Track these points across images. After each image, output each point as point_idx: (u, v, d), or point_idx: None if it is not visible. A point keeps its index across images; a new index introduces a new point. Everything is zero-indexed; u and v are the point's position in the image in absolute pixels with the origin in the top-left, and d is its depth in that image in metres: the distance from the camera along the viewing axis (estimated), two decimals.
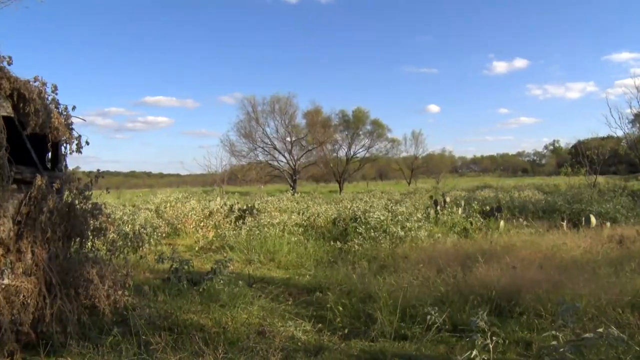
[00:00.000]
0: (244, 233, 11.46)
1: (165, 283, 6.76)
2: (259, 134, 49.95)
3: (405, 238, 10.23)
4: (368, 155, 53.97)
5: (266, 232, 11.16)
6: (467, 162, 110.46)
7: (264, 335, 5.02)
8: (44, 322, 4.64)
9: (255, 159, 49.80)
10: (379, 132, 52.99)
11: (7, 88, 4.57)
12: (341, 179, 50.97)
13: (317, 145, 50.08)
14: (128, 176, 74.41)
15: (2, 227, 4.44)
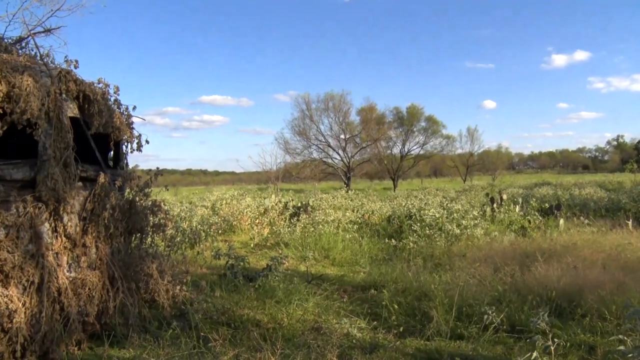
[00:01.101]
0: (299, 230, 11.53)
1: (222, 279, 6.88)
2: (313, 131, 50.22)
3: (461, 236, 10.06)
4: (422, 152, 53.42)
5: (321, 229, 11.19)
6: (524, 159, 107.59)
7: (319, 331, 5.05)
8: (107, 314, 4.81)
9: (310, 157, 50.11)
10: (434, 128, 52.31)
11: (74, 90, 4.76)
12: (395, 176, 50.58)
13: (371, 143, 49.88)
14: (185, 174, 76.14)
15: (70, 222, 4.63)
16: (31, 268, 4.27)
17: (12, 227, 4.23)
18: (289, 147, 49.24)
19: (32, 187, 4.44)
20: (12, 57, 4.60)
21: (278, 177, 38.49)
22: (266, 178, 41.06)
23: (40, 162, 4.43)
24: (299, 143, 50.14)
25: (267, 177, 40.76)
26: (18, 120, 4.26)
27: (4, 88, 4.23)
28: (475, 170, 64.37)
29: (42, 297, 4.31)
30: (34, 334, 4.28)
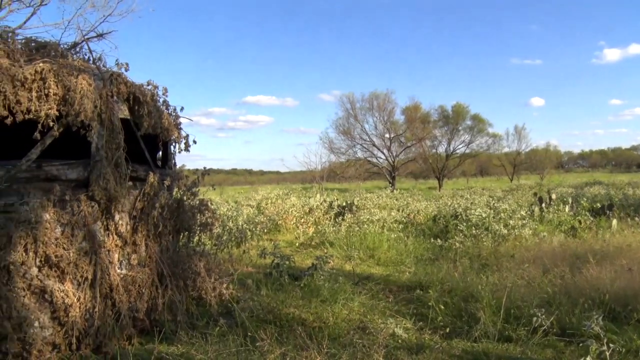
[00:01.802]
0: (344, 229, 11.52)
1: (268, 277, 6.94)
2: (358, 130, 50.12)
3: (508, 236, 9.85)
4: (468, 151, 52.54)
5: (366, 228, 11.16)
6: (574, 158, 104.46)
7: (364, 331, 5.04)
8: (156, 310, 4.93)
9: (354, 156, 50.04)
10: (480, 127, 51.40)
11: (125, 92, 4.90)
12: (440, 176, 49.99)
13: (416, 142, 49.46)
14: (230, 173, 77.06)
15: (121, 221, 4.77)
16: (85, 264, 4.41)
17: (67, 225, 4.38)
18: (334, 146, 49.32)
19: (86, 187, 4.59)
20: (67, 62, 4.76)
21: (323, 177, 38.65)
22: (311, 177, 41.28)
23: (93, 163, 4.58)
24: (344, 142, 50.17)
25: (312, 177, 40.97)
26: (73, 122, 4.41)
27: (60, 91, 4.39)
28: (523, 169, 62.90)
29: (95, 293, 4.45)
30: (88, 327, 4.43)
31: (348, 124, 50.04)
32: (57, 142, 4.57)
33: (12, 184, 4.29)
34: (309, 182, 40.35)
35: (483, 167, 70.71)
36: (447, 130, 51.77)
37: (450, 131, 51.52)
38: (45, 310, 4.25)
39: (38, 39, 5.41)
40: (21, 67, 4.37)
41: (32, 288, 4.17)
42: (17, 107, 4.20)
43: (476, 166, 67.01)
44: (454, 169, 54.02)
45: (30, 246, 4.11)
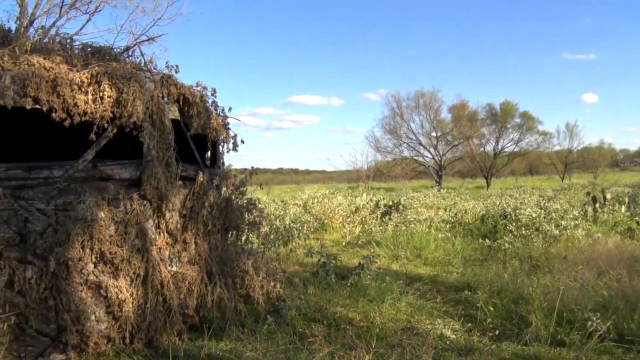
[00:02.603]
0: (390, 229, 11.48)
1: (315, 276, 6.98)
2: (404, 129, 49.80)
3: (560, 237, 9.60)
4: (517, 149, 51.34)
5: (412, 228, 11.08)
6: (630, 155, 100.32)
7: (412, 332, 5.01)
8: (205, 307, 5.04)
9: (400, 155, 49.73)
10: (529, 124, 50.18)
11: (175, 93, 5.02)
12: (488, 175, 49.05)
13: (463, 140, 48.75)
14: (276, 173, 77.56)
15: (171, 219, 4.89)
16: (137, 261, 4.54)
17: (121, 223, 4.53)
18: (380, 145, 49.16)
19: (138, 186, 4.73)
20: (120, 65, 4.91)
21: (369, 176, 38.56)
22: (357, 176, 41.27)
23: (145, 163, 4.71)
24: (390, 141, 49.93)
25: (358, 176, 40.94)
26: (125, 124, 4.56)
27: (114, 94, 4.54)
28: (575, 168, 61.04)
29: (147, 289, 4.58)
30: (140, 322, 4.56)
31: (394, 123, 49.83)
32: (111, 143, 4.71)
33: (70, 183, 4.46)
34: (355, 181, 40.35)
35: (532, 166, 68.94)
36: (495, 128, 50.80)
37: (498, 129, 50.53)
38: (100, 304, 4.41)
39: (93, 44, 5.62)
40: (78, 71, 4.54)
41: (88, 283, 4.33)
42: (74, 109, 4.36)
43: (525, 165, 65.37)
44: (502, 167, 52.91)
45: (86, 243, 4.26)
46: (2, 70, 4.27)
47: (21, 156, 5.17)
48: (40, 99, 4.27)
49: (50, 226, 4.25)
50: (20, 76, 4.25)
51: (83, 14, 11.12)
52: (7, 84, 4.16)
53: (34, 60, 4.41)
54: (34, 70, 4.32)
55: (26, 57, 4.46)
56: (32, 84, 4.24)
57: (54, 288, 4.21)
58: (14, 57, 4.48)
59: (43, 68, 4.40)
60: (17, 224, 4.22)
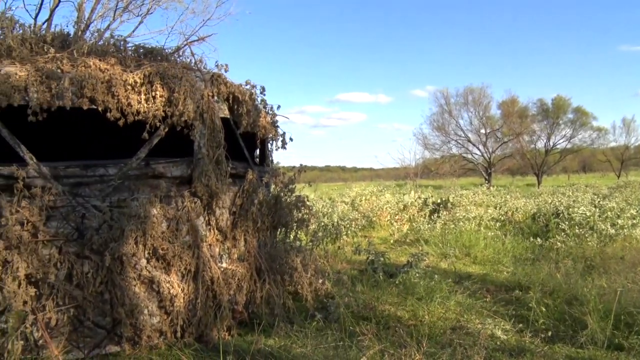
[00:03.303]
0: (439, 227, 11.35)
1: (363, 274, 6.97)
2: (452, 126, 49.01)
3: (617, 236, 9.26)
4: (570, 146, 49.66)
5: (461, 226, 10.92)
6: None
7: (461, 331, 4.94)
8: (254, 303, 5.10)
9: (449, 152, 49.00)
10: (583, 120, 48.48)
11: (224, 92, 5.10)
12: (539, 172, 47.75)
13: (513, 137, 47.64)
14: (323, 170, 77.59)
15: (221, 216, 4.97)
16: (188, 257, 4.64)
17: (173, 219, 4.63)
18: (428, 142, 48.56)
19: (189, 183, 4.83)
20: (171, 65, 5.01)
21: (417, 173, 38.21)
22: (404, 174, 40.95)
23: (196, 160, 4.80)
24: (438, 138, 49.24)
25: (406, 173, 40.63)
26: (177, 122, 4.66)
27: (166, 93, 4.64)
28: (632, 165, 58.63)
29: (198, 285, 4.67)
30: (191, 317, 4.66)
31: (442, 120, 49.11)
32: (162, 141, 4.82)
33: (124, 181, 4.59)
34: (403, 178, 40.04)
35: (586, 163, 66.68)
36: (546, 124, 49.30)
37: (550, 125, 49.03)
38: (153, 299, 4.52)
39: (145, 46, 5.75)
40: (132, 72, 4.67)
41: (141, 278, 4.45)
42: (128, 109, 4.49)
43: (578, 162, 63.24)
44: (554, 165, 51.41)
45: (139, 239, 4.38)
46: (61, 72, 4.44)
47: (79, 155, 5.36)
48: (96, 99, 4.42)
49: (106, 222, 4.39)
50: (77, 78, 4.40)
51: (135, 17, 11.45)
52: (66, 86, 4.32)
53: (90, 62, 4.57)
54: (90, 72, 4.47)
55: (83, 59, 4.62)
56: (88, 85, 4.38)
57: (109, 282, 4.35)
58: (72, 60, 4.65)
59: (99, 69, 4.54)
60: (75, 220, 4.38)
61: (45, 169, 4.35)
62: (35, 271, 4.11)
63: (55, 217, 4.33)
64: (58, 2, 10.11)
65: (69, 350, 4.31)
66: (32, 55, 4.71)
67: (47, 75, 4.39)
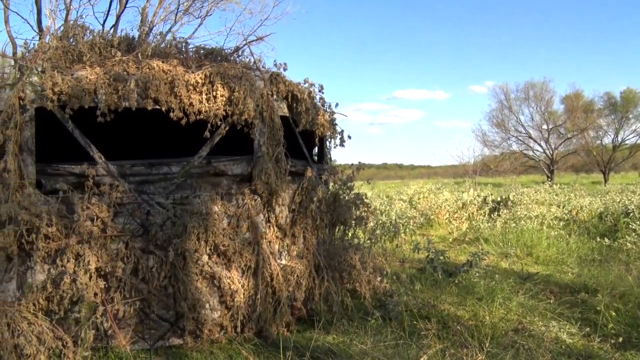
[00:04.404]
0: (499, 225, 11.11)
1: (421, 272, 6.91)
2: (513, 122, 47.73)
3: None
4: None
5: (523, 225, 10.65)
6: None
7: (523, 333, 4.81)
8: (313, 300, 5.13)
9: (509, 149, 47.72)
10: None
11: (283, 91, 5.16)
12: (606, 169, 45.80)
13: (578, 133, 45.93)
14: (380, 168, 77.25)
15: (281, 214, 5.03)
16: (248, 254, 4.72)
17: (233, 217, 4.73)
18: (487, 139, 47.47)
19: (249, 181, 4.92)
20: (231, 65, 5.11)
21: (475, 171, 37.46)
22: (463, 171, 40.20)
23: (256, 159, 4.88)
24: (497, 135, 48.06)
25: (464, 171, 39.89)
26: (237, 121, 4.75)
27: (226, 93, 4.74)
28: None
29: (257, 281, 4.74)
30: (251, 313, 4.74)
31: (502, 116, 47.91)
32: (223, 140, 4.93)
33: (187, 179, 4.72)
34: (461, 176, 39.32)
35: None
36: (614, 119, 47.19)
37: (618, 120, 46.91)
38: (214, 294, 4.63)
39: (205, 46, 5.90)
40: (193, 72, 4.79)
41: (203, 273, 4.56)
42: (190, 109, 4.61)
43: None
44: (623, 161, 49.16)
45: (201, 235, 4.49)
46: (127, 74, 4.61)
47: (143, 154, 5.55)
48: (160, 100, 4.56)
49: (169, 219, 4.53)
50: (142, 79, 4.56)
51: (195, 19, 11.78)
52: (131, 87, 4.48)
53: (154, 64, 4.72)
54: (154, 74, 4.61)
55: (147, 61, 4.78)
56: (152, 86, 4.53)
57: (173, 277, 4.48)
58: (137, 62, 4.82)
59: (162, 71, 4.68)
60: (140, 216, 4.54)
61: (113, 167, 4.54)
62: (105, 265, 4.30)
63: (122, 213, 4.50)
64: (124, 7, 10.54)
65: (135, 341, 4.48)
66: (100, 59, 4.91)
67: (115, 77, 4.56)
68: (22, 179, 4.29)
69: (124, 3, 10.51)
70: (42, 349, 3.94)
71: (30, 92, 4.40)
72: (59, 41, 5.01)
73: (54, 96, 4.35)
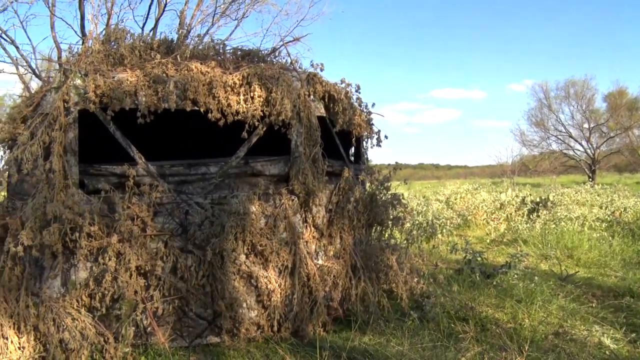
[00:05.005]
0: (538, 227, 10.90)
1: (458, 273, 6.83)
2: (552, 121, 46.71)
3: None
4: None
5: (563, 226, 10.43)
6: None
7: (565, 337, 4.70)
8: (349, 300, 5.13)
9: (548, 149, 46.76)
10: None
11: (320, 91, 5.16)
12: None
13: (621, 132, 44.69)
14: (416, 168, 76.61)
15: (318, 214, 5.04)
16: (285, 254, 4.74)
17: (270, 217, 4.76)
18: (525, 139, 46.58)
19: (286, 181, 4.94)
20: (268, 66, 5.15)
21: (514, 171, 36.86)
22: (500, 171, 39.60)
23: (293, 159, 4.90)
24: (536, 134, 47.10)
25: (502, 171, 39.28)
26: (275, 122, 4.77)
27: (264, 94, 4.77)
28: None
29: (294, 281, 4.76)
30: (287, 312, 4.76)
31: (541, 115, 46.94)
32: (259, 140, 4.96)
33: (224, 179, 4.77)
34: (499, 176, 38.72)
35: None
36: None
37: None
38: (251, 293, 4.67)
39: (243, 48, 5.95)
40: (231, 74, 4.84)
41: (240, 273, 4.60)
42: (228, 110, 4.66)
43: None
44: None
45: (239, 235, 4.53)
46: (166, 76, 4.68)
47: (180, 154, 5.63)
48: (198, 101, 4.62)
49: (207, 219, 4.58)
50: (181, 81, 4.63)
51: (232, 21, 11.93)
52: (170, 89, 4.55)
53: (192, 66, 4.78)
54: (192, 75, 4.68)
55: (186, 63, 4.85)
56: (191, 88, 4.59)
57: (210, 276, 4.53)
58: (176, 64, 4.89)
59: (200, 72, 4.74)
60: (179, 216, 4.61)
61: (152, 168, 4.62)
62: (144, 263, 4.37)
63: (162, 213, 4.58)
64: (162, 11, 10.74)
65: (174, 339, 4.55)
66: (140, 62, 5.01)
67: (154, 79, 4.64)
68: (66, 179, 4.41)
69: (162, 6, 10.69)
70: (85, 344, 4.05)
71: (74, 94, 4.52)
72: (101, 45, 5.13)
73: (96, 98, 4.45)
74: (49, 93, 4.75)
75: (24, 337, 4.03)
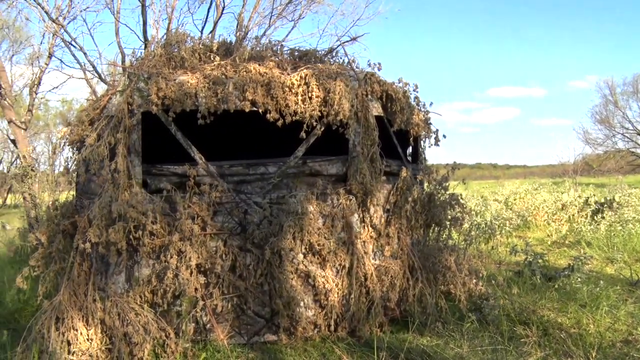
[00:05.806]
0: (603, 228, 10.50)
1: (518, 276, 6.66)
2: (618, 118, 44.86)
3: None
4: None
5: (630, 228, 10.01)
6: None
7: (634, 345, 4.50)
8: (406, 301, 5.08)
9: (614, 147, 44.95)
10: None
11: (378, 91, 5.14)
12: None
13: None
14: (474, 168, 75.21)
15: (375, 214, 5.02)
16: (343, 254, 4.75)
17: (328, 216, 4.77)
18: (589, 137, 44.93)
19: (343, 181, 4.94)
20: (325, 66, 5.17)
21: (576, 170, 35.66)
22: (562, 171, 38.37)
23: (350, 158, 4.90)
24: (601, 132, 45.34)
25: (563, 170, 38.06)
26: (332, 121, 4.79)
27: (321, 94, 4.79)
28: None
29: (352, 281, 4.76)
30: (344, 312, 4.77)
31: (606, 112, 45.16)
32: (317, 140, 4.98)
33: (283, 179, 4.82)
34: (560, 176, 37.53)
35: None
36: None
37: None
38: (308, 292, 4.70)
39: (300, 48, 5.99)
40: (288, 74, 4.88)
41: (298, 272, 4.64)
42: (286, 110, 4.70)
43: None
44: None
45: (297, 234, 4.56)
46: (225, 78, 4.77)
47: (237, 154, 5.73)
48: (257, 102, 4.68)
49: (266, 218, 4.64)
50: (240, 82, 4.70)
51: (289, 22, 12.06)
52: (230, 90, 4.63)
53: (250, 67, 4.85)
54: (251, 76, 4.75)
55: (244, 65, 4.92)
56: (249, 89, 4.66)
57: (269, 275, 4.59)
58: (234, 66, 4.98)
59: (258, 73, 4.81)
60: (238, 215, 4.69)
61: (212, 168, 4.71)
62: (204, 261, 4.47)
63: (221, 212, 4.67)
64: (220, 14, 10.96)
65: (232, 336, 4.63)
66: (200, 64, 5.12)
67: (214, 81, 4.74)
68: (129, 178, 4.57)
69: (221, 9, 10.91)
70: (148, 338, 4.17)
71: (138, 97, 4.67)
72: (162, 49, 5.28)
73: (158, 100, 4.58)
74: (114, 96, 4.92)
75: (92, 329, 4.20)
